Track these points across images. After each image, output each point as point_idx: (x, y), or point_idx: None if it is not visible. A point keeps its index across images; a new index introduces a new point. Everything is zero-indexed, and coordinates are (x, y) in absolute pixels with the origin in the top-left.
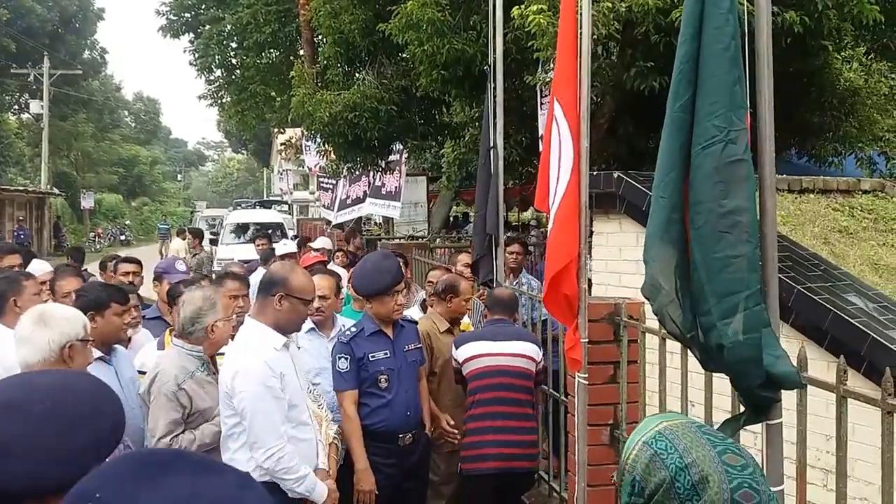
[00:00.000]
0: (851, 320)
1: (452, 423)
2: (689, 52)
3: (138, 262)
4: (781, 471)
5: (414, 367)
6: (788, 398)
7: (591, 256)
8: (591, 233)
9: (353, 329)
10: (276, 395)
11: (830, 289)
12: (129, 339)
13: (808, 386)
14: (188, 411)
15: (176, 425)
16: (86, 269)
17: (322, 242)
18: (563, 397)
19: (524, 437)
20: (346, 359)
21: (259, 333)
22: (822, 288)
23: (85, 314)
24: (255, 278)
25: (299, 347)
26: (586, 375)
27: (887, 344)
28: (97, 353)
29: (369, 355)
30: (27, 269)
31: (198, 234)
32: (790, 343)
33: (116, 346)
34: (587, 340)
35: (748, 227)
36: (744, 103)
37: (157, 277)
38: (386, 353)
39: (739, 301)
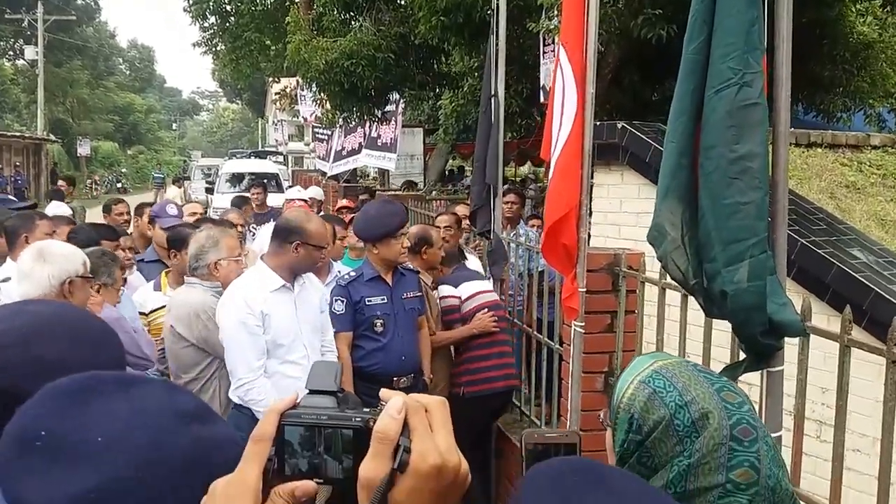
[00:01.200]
0: (855, 274)
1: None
2: None
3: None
4: (780, 419)
5: (412, 315)
6: (789, 351)
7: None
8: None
9: (353, 274)
10: (250, 331)
11: (834, 243)
12: (125, 279)
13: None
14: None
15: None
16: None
17: (313, 192)
18: (557, 346)
19: (512, 359)
20: (343, 301)
21: (259, 275)
22: (826, 242)
23: None
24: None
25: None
26: (583, 324)
27: (890, 298)
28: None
29: (366, 299)
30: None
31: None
32: (793, 297)
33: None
34: (585, 290)
35: (759, 173)
36: (761, 45)
37: (150, 221)
38: (383, 299)
39: (746, 248)
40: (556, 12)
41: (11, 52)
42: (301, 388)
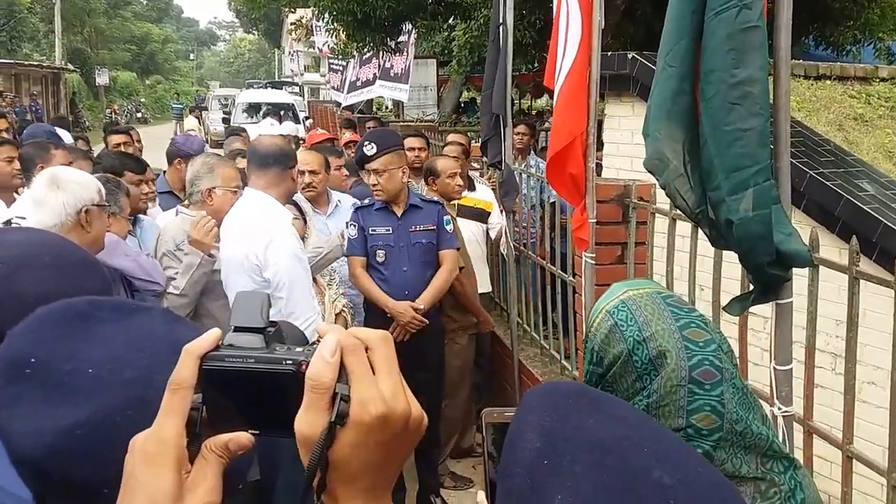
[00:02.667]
0: (863, 206)
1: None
2: None
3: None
4: (790, 352)
5: (419, 249)
6: (799, 283)
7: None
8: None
9: (368, 201)
10: (305, 267)
11: (843, 175)
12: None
13: (820, 270)
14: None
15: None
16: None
17: (288, 128)
18: (570, 278)
19: None
20: (354, 226)
21: (271, 206)
22: (835, 174)
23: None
24: None
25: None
26: (593, 255)
27: None
28: None
29: (370, 228)
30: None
31: None
32: (802, 229)
33: (141, 216)
34: (595, 221)
35: (759, 98)
36: None
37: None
38: (388, 230)
39: (749, 176)
40: None
41: None
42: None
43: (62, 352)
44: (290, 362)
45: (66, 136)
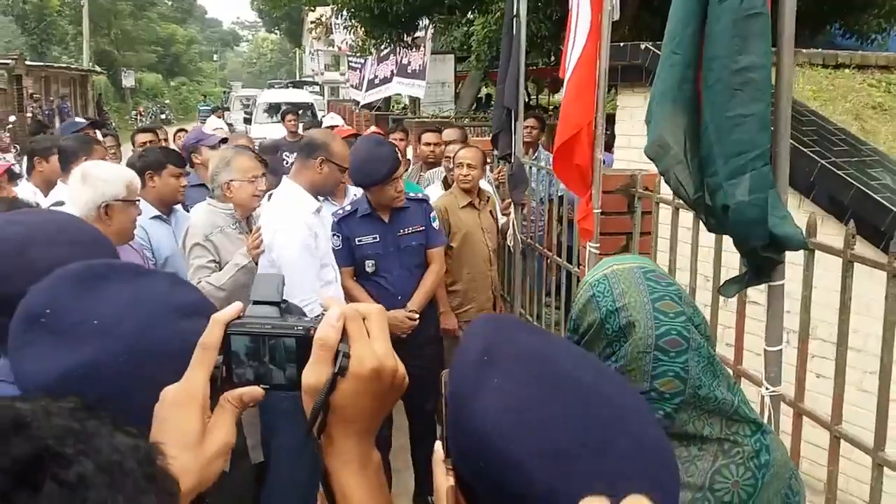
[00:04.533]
0: (874, 195)
1: (414, 316)
2: None
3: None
4: (780, 333)
5: (409, 252)
6: (797, 269)
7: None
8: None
9: (349, 207)
10: (312, 254)
11: (856, 164)
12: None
13: (828, 259)
14: (215, 260)
15: (202, 270)
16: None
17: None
18: (575, 268)
19: None
20: (338, 237)
21: (296, 195)
22: (847, 163)
23: (143, 175)
24: None
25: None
26: (598, 245)
27: None
28: (154, 212)
29: (356, 239)
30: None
31: None
32: (810, 217)
33: (176, 207)
34: (600, 211)
35: (762, 84)
36: None
37: (195, 150)
38: (374, 238)
39: (747, 161)
40: None
41: None
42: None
43: (74, 305)
44: (300, 328)
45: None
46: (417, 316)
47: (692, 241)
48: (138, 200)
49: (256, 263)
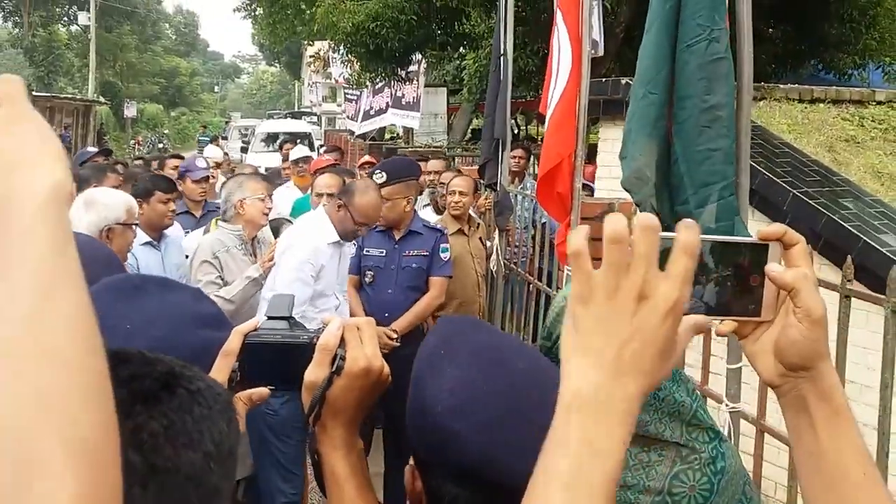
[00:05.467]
0: (844, 224)
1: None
2: None
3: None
4: (740, 353)
5: (408, 273)
6: None
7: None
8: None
9: None
10: (305, 281)
11: (827, 194)
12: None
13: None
14: (221, 276)
15: (210, 286)
16: None
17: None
18: (553, 292)
19: None
20: (355, 244)
21: (319, 222)
22: (819, 193)
23: None
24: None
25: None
26: None
27: (878, 247)
28: (146, 238)
29: (366, 248)
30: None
31: None
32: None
33: (166, 232)
34: None
35: (727, 121)
36: (723, 4)
37: (181, 176)
38: (381, 252)
39: (714, 191)
40: None
41: (66, 18)
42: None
43: (112, 312)
44: (306, 337)
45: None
46: (396, 336)
47: None
48: (136, 224)
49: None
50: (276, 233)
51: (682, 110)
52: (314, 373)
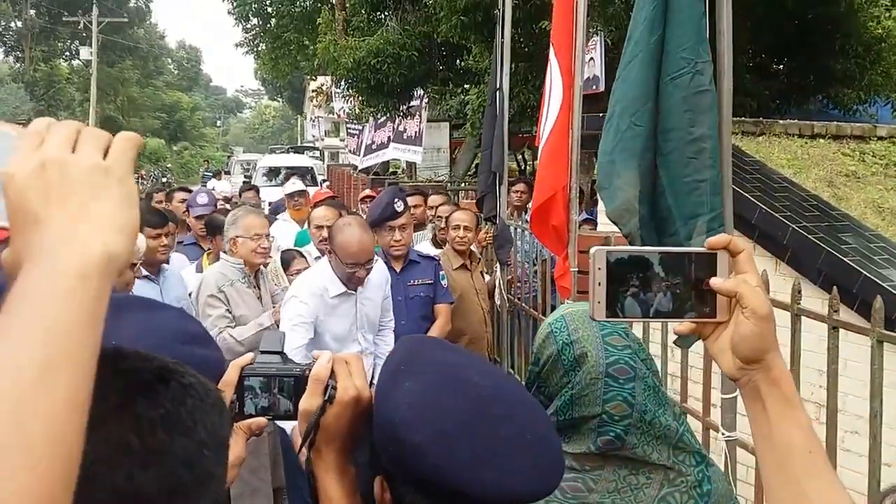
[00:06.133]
0: (844, 258)
1: None
2: None
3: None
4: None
5: (417, 302)
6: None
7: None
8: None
9: None
10: (304, 328)
11: (826, 228)
12: (166, 260)
13: (803, 321)
14: (229, 310)
15: (221, 319)
16: None
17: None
18: None
19: None
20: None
21: (323, 272)
22: (818, 227)
23: None
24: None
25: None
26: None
27: (878, 281)
28: (143, 272)
29: None
30: None
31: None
32: (786, 280)
33: (165, 266)
34: (577, 270)
35: (712, 153)
36: (706, 39)
37: (186, 210)
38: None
39: (705, 222)
40: None
41: (68, 53)
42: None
43: None
44: (298, 370)
45: None
46: None
47: None
48: (137, 263)
49: (278, 325)
50: (286, 265)
51: (667, 142)
52: (308, 402)
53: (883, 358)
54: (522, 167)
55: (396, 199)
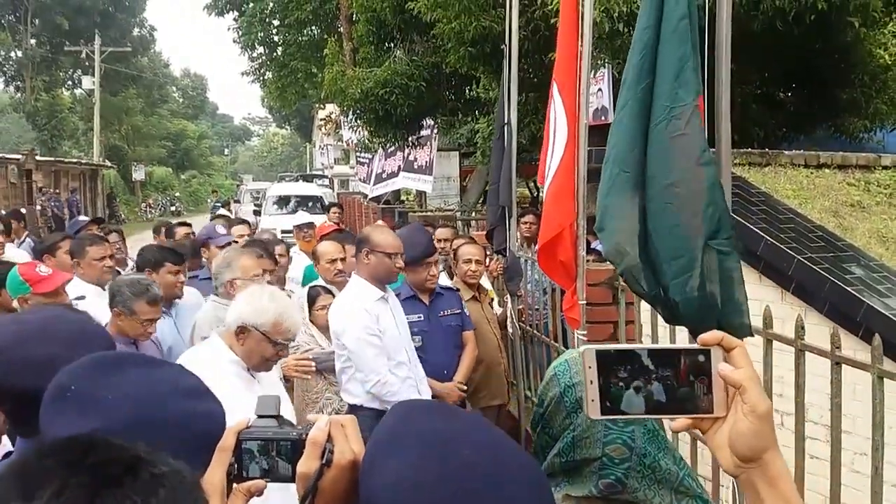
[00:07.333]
0: (848, 288)
1: (463, 387)
2: (650, 38)
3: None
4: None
5: (450, 331)
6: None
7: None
8: None
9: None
10: (371, 333)
11: (832, 259)
12: (181, 295)
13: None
14: None
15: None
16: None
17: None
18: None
19: None
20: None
21: (359, 286)
22: (824, 258)
23: (142, 271)
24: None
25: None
26: (585, 332)
27: (882, 311)
28: None
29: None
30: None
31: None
32: (792, 309)
33: (178, 301)
34: (585, 302)
35: (685, 198)
36: (692, 80)
37: (204, 244)
38: (419, 317)
39: (688, 262)
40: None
41: (70, 83)
42: (413, 386)
43: (95, 384)
44: (295, 434)
45: (11, 251)
46: (465, 386)
47: (668, 327)
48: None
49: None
50: (312, 301)
51: (650, 189)
52: (306, 465)
53: (884, 393)
54: (535, 194)
55: (424, 240)
